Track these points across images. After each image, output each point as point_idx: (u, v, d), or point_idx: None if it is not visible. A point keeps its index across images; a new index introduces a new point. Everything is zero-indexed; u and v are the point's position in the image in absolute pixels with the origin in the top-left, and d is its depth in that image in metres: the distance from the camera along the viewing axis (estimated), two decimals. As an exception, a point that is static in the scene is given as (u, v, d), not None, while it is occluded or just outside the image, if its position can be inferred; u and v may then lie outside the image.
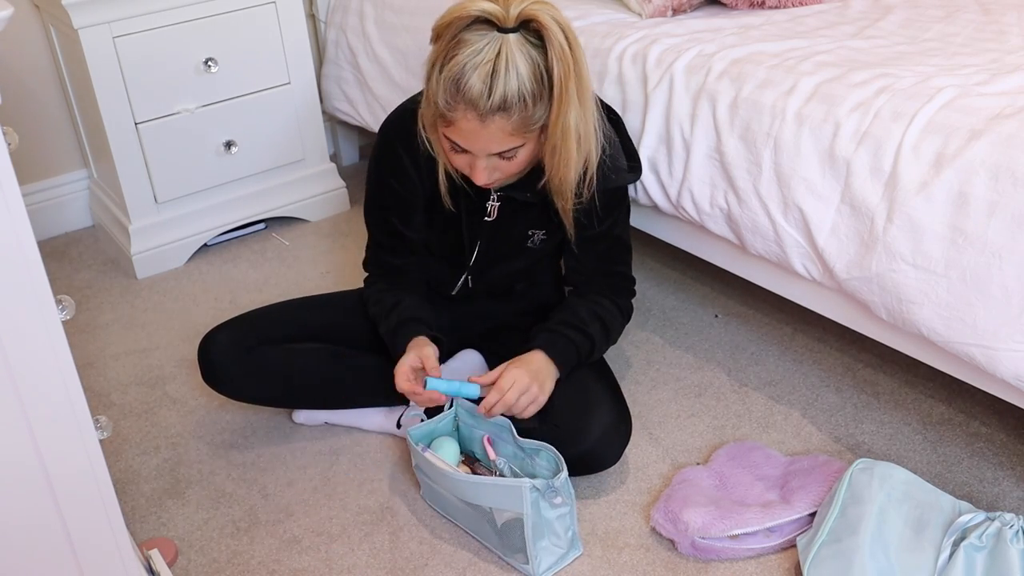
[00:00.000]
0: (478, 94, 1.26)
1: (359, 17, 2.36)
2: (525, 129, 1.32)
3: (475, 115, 1.29)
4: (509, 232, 1.58)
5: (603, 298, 1.59)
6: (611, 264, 1.60)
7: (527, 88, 1.28)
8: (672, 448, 1.62)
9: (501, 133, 1.31)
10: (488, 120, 1.29)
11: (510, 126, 1.30)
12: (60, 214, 2.49)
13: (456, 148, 1.36)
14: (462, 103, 1.28)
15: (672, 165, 1.65)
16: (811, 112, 1.45)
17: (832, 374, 1.79)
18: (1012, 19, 1.74)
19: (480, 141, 1.32)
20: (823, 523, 1.34)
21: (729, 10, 1.94)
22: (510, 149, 1.35)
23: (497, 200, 1.53)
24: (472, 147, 1.34)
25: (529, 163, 1.42)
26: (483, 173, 1.37)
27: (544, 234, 1.59)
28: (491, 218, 1.55)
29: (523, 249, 1.61)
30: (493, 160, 1.37)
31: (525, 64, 1.27)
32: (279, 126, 2.36)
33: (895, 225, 1.34)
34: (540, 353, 1.48)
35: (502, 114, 1.28)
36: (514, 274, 1.67)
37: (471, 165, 1.38)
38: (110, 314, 2.13)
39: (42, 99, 2.36)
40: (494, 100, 1.27)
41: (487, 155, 1.35)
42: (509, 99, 1.27)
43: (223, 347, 1.59)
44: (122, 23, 2.05)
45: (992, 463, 1.55)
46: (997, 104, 1.32)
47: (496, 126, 1.30)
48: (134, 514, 1.55)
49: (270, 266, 2.30)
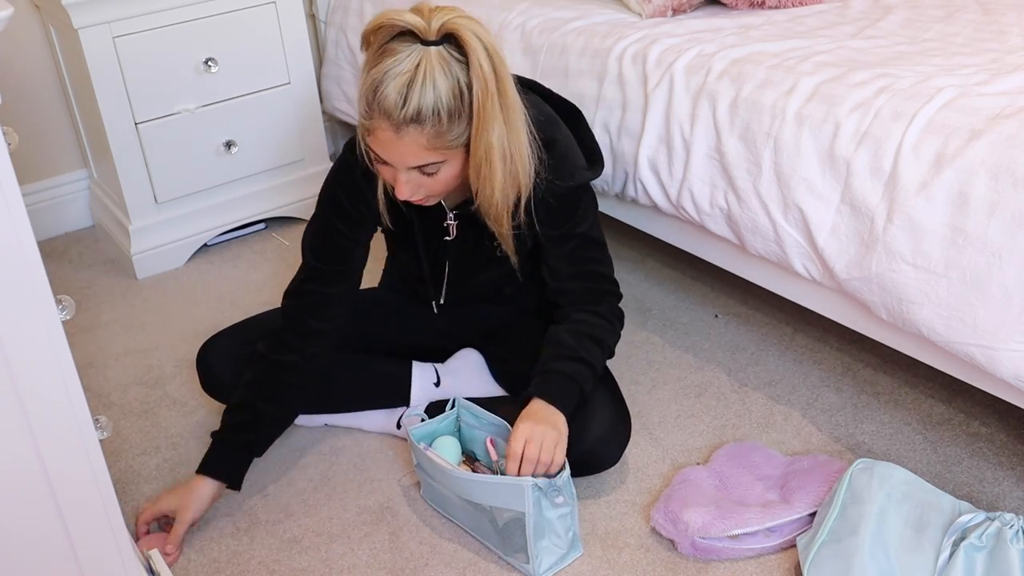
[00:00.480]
0: (392, 104, 1.25)
1: (359, 17, 2.36)
2: (442, 145, 1.29)
3: (389, 125, 1.27)
4: (473, 247, 1.55)
5: (586, 313, 1.53)
6: (584, 264, 1.54)
7: (443, 102, 1.26)
8: (672, 448, 1.62)
9: (416, 146, 1.28)
10: (402, 131, 1.27)
11: (425, 140, 1.28)
12: (60, 214, 2.50)
13: (379, 159, 1.34)
14: (378, 112, 1.27)
15: (672, 165, 1.65)
16: (811, 112, 1.45)
17: (832, 374, 1.79)
18: (1012, 19, 1.75)
19: (396, 153, 1.30)
20: (823, 523, 1.34)
21: (729, 10, 1.94)
22: (429, 164, 1.32)
23: (455, 219, 1.51)
24: (390, 158, 1.32)
25: (454, 181, 1.38)
26: (405, 187, 1.34)
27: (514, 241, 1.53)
28: (451, 237, 1.53)
29: (492, 259, 1.57)
30: (415, 175, 1.34)
31: (444, 79, 1.25)
32: (279, 126, 2.36)
33: (895, 225, 1.34)
34: (536, 401, 1.44)
35: (416, 126, 1.26)
36: (493, 281, 1.63)
37: (394, 178, 1.35)
38: (110, 314, 2.13)
39: (42, 99, 2.36)
40: (407, 111, 1.25)
41: (406, 168, 1.33)
42: (423, 112, 1.25)
43: (221, 355, 1.60)
44: (122, 23, 2.05)
45: (992, 463, 1.55)
46: (997, 104, 1.32)
47: (411, 138, 1.27)
48: (134, 514, 1.55)
49: (270, 266, 2.30)
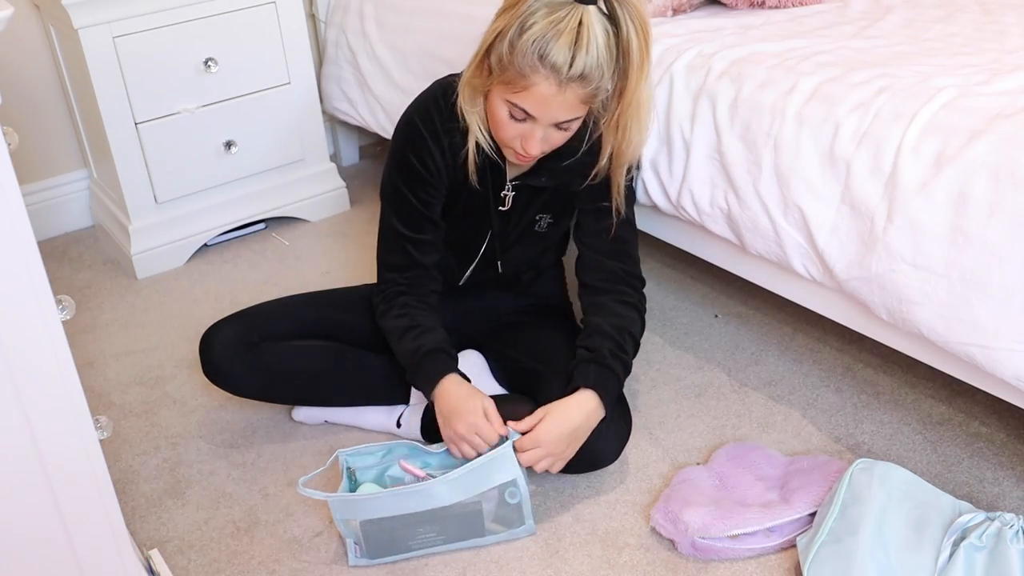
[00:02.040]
0: (562, 62, 1.29)
1: (359, 17, 2.36)
2: (593, 100, 1.36)
3: (555, 82, 1.31)
4: (519, 219, 1.60)
5: (624, 307, 1.56)
6: (622, 244, 1.59)
7: (604, 59, 1.31)
8: (672, 448, 1.62)
9: (575, 101, 1.34)
10: (566, 88, 1.31)
11: (584, 95, 1.33)
12: (60, 214, 2.49)
13: (516, 117, 1.38)
14: (544, 69, 1.30)
15: (672, 165, 1.65)
16: (811, 112, 1.45)
17: (832, 374, 1.79)
18: (1012, 19, 1.75)
19: (552, 109, 1.34)
20: (823, 523, 1.34)
21: (729, 10, 1.94)
22: (573, 119, 1.38)
23: (512, 190, 1.55)
24: (541, 114, 1.36)
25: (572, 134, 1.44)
26: (540, 144, 1.40)
27: (551, 218, 1.61)
28: (505, 208, 1.57)
29: (531, 235, 1.62)
30: (551, 130, 1.39)
31: (603, 36, 1.30)
32: (279, 126, 2.36)
33: (895, 225, 1.34)
34: (593, 398, 1.45)
35: (580, 83, 1.31)
36: (521, 263, 1.67)
37: (526, 135, 1.39)
38: (110, 314, 2.13)
39: (42, 99, 2.36)
40: (575, 69, 1.30)
41: (551, 124, 1.37)
42: (588, 70, 1.30)
43: (225, 342, 1.60)
44: (122, 23, 2.05)
45: (992, 463, 1.55)
46: (997, 104, 1.32)
47: (572, 94, 1.32)
48: (134, 514, 1.55)
49: (270, 266, 2.30)
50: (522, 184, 1.55)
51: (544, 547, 1.44)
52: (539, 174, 1.53)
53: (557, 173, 1.52)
